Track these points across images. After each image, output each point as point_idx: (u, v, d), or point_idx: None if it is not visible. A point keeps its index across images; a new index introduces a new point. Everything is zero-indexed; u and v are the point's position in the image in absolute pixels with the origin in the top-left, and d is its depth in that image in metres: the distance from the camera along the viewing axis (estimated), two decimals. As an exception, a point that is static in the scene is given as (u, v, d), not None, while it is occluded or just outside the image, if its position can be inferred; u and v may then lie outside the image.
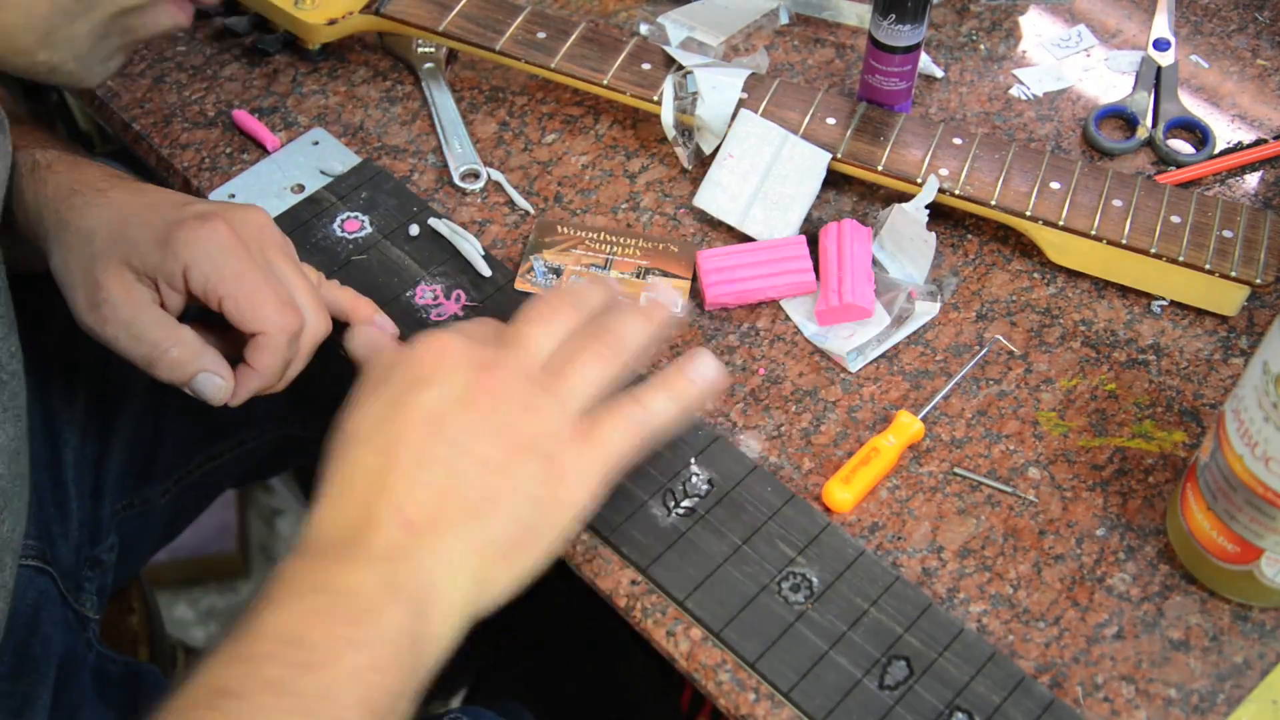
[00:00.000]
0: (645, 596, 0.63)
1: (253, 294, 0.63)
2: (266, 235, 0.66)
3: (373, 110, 0.86)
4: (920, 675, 0.60)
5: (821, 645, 0.61)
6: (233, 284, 0.63)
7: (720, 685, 0.61)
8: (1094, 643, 0.63)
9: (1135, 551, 0.66)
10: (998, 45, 0.90)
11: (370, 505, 0.53)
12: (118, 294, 0.64)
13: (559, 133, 0.85)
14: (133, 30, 0.60)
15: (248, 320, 0.64)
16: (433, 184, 0.81)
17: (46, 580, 0.78)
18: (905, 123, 0.79)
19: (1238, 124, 0.85)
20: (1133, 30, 0.91)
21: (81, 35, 0.58)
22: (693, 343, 0.74)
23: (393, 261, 0.76)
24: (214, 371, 0.65)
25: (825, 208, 0.80)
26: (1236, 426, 0.58)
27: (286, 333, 0.64)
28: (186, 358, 0.65)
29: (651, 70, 0.81)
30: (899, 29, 0.77)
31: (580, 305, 0.60)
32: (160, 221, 0.64)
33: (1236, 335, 0.74)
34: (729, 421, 0.70)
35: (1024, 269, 0.77)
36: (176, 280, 0.64)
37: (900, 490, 0.68)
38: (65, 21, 0.56)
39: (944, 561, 0.65)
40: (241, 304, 0.63)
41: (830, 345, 0.73)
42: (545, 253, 0.77)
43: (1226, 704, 0.61)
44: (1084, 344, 0.74)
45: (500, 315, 0.73)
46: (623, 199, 0.81)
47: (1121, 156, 0.83)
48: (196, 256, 0.63)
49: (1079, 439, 0.70)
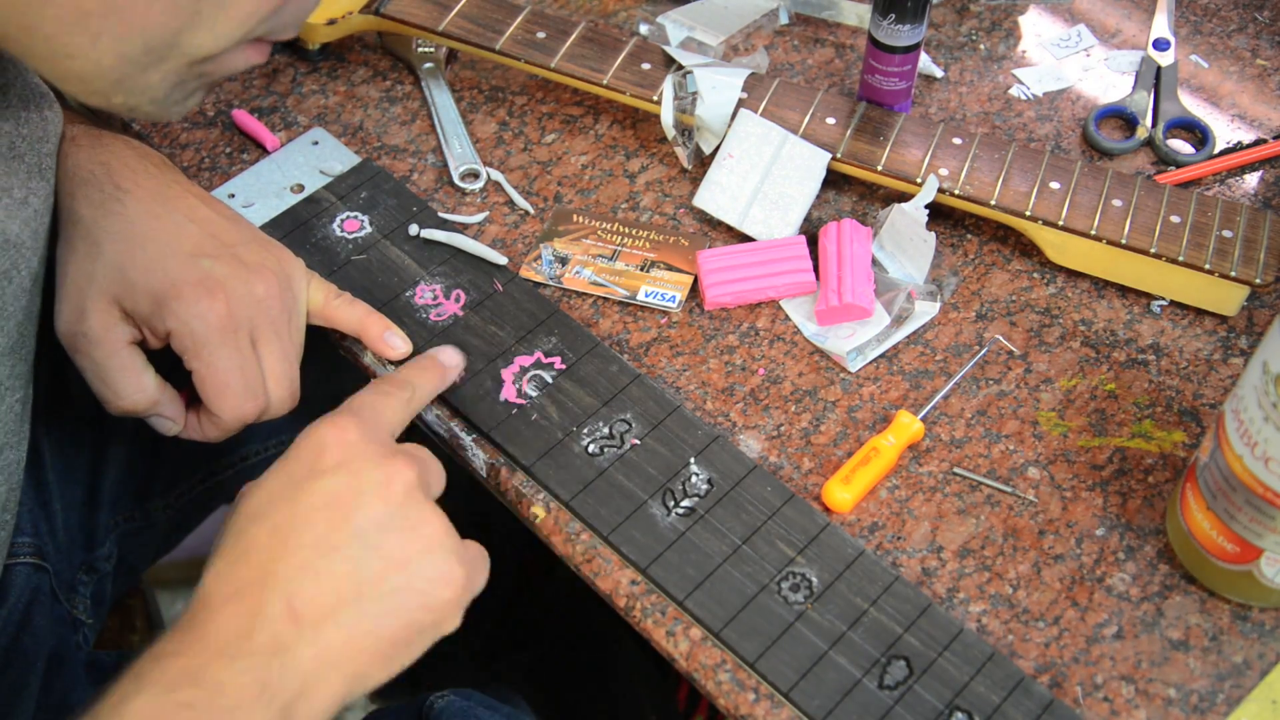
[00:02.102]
0: (644, 596, 0.63)
1: (220, 381, 0.65)
2: (266, 310, 0.66)
3: (372, 110, 0.86)
4: (920, 675, 0.60)
5: (821, 645, 0.61)
6: (205, 364, 0.65)
7: (720, 685, 0.61)
8: (1093, 642, 0.63)
9: (1135, 551, 0.66)
10: (997, 45, 0.90)
11: (259, 590, 0.52)
12: (98, 330, 0.65)
13: (559, 132, 0.85)
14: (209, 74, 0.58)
15: (207, 399, 0.66)
16: (432, 184, 0.81)
17: (43, 577, 0.78)
18: (905, 122, 0.79)
19: (1237, 124, 0.85)
20: (1132, 30, 0.91)
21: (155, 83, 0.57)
22: (692, 343, 0.74)
23: (392, 261, 0.76)
24: (165, 416, 0.68)
25: (825, 208, 0.80)
26: (1236, 426, 0.58)
27: (239, 421, 0.67)
28: (143, 406, 0.67)
29: (651, 70, 0.81)
30: (899, 29, 0.77)
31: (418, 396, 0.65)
32: (163, 273, 0.65)
33: (1236, 335, 0.74)
34: (729, 421, 0.70)
35: (1024, 269, 0.77)
36: (160, 333, 0.66)
37: (900, 490, 0.68)
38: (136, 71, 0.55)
39: (944, 561, 0.65)
40: (206, 385, 0.65)
41: (830, 345, 0.73)
42: (556, 241, 0.77)
43: (1226, 704, 0.61)
44: (1084, 344, 0.74)
45: (503, 313, 0.73)
46: (622, 199, 0.81)
47: (1121, 156, 0.83)
48: (183, 327, 0.64)
49: (1079, 439, 0.70)
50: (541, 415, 0.69)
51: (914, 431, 0.68)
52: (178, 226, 0.66)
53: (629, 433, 0.68)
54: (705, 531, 0.64)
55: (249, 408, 0.66)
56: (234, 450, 0.93)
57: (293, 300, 0.68)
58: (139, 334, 0.66)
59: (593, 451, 0.68)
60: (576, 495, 0.66)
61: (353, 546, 0.53)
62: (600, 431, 0.68)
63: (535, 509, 0.67)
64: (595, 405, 0.69)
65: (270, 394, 0.67)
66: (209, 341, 0.65)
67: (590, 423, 0.69)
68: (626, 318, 0.75)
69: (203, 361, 0.65)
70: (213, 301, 0.64)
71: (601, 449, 0.68)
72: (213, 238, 0.67)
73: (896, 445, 0.68)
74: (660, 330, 0.74)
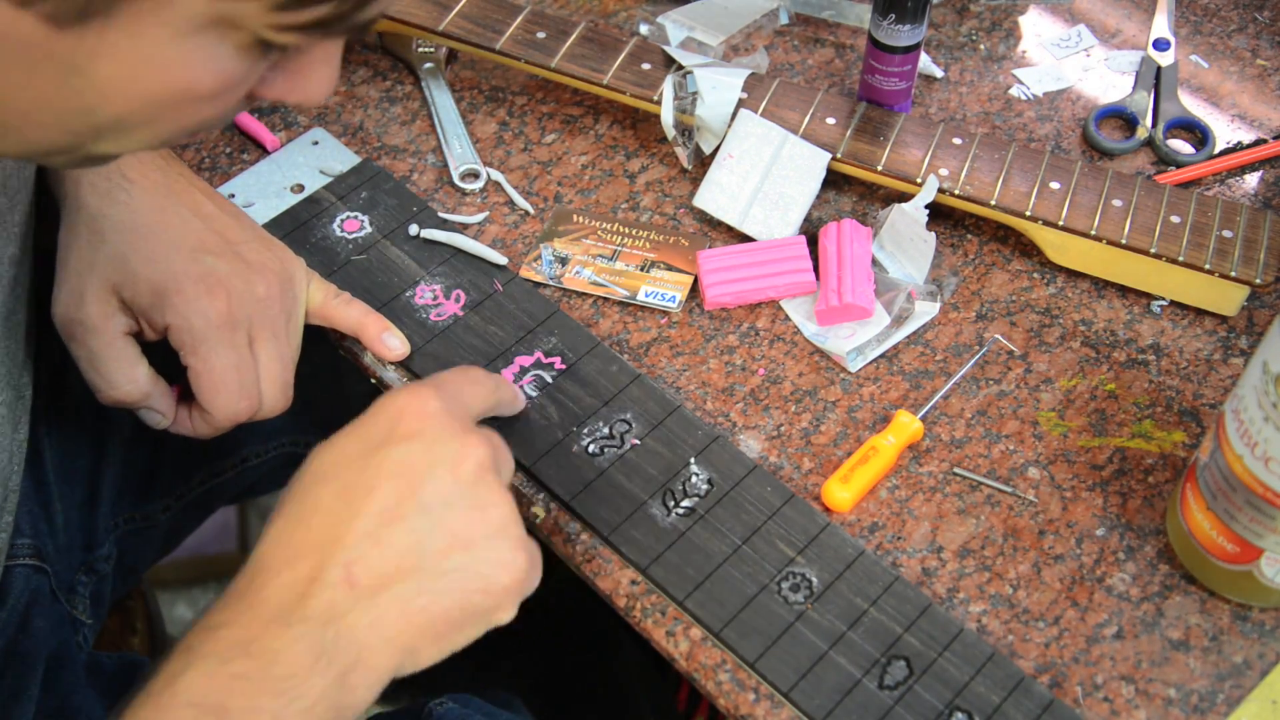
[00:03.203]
0: (645, 597, 0.63)
1: (216, 378, 0.65)
2: (265, 310, 0.66)
3: (372, 110, 0.86)
4: (920, 675, 0.60)
5: (821, 645, 0.61)
6: (201, 361, 0.65)
7: (720, 685, 0.61)
8: (1094, 643, 0.63)
9: (1135, 551, 0.66)
10: (998, 45, 0.90)
11: (319, 554, 0.51)
12: (96, 319, 0.65)
13: (559, 132, 0.85)
14: None
15: (201, 396, 0.66)
16: (432, 184, 0.81)
17: (42, 579, 0.78)
18: (905, 123, 0.79)
19: (1237, 124, 0.85)
20: (1132, 30, 0.91)
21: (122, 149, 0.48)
22: (692, 343, 0.74)
23: (392, 261, 0.76)
24: (155, 410, 0.68)
25: (825, 208, 0.80)
26: (1236, 426, 0.58)
27: (231, 420, 0.67)
28: (135, 398, 0.67)
29: (651, 70, 0.81)
30: (899, 29, 0.77)
31: None
32: (166, 267, 0.65)
33: (1236, 335, 0.74)
34: (729, 421, 0.70)
35: (1024, 269, 0.77)
36: (158, 327, 0.66)
37: (900, 490, 0.68)
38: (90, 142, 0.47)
39: (944, 561, 0.65)
40: (201, 382, 0.65)
41: (830, 345, 0.73)
42: (556, 241, 0.77)
43: (1226, 704, 0.61)
44: (1084, 344, 0.74)
45: (503, 313, 0.73)
46: (622, 199, 0.81)
47: (1121, 156, 0.83)
48: (182, 322, 0.65)
49: (1079, 439, 0.70)
50: (541, 415, 0.69)
51: (913, 431, 0.68)
52: (182, 221, 0.66)
53: (629, 433, 0.68)
54: (705, 531, 0.64)
55: (242, 406, 0.66)
56: (234, 452, 0.93)
57: (292, 301, 0.68)
58: (136, 325, 0.66)
59: (593, 451, 0.67)
60: (576, 495, 0.66)
61: (418, 518, 0.52)
62: (600, 431, 0.68)
63: (535, 509, 0.67)
64: (595, 405, 0.69)
65: (264, 394, 0.67)
66: (207, 339, 0.65)
67: (590, 423, 0.69)
68: (627, 318, 0.75)
69: (200, 358, 0.65)
70: (213, 299, 0.65)
71: (601, 449, 0.68)
72: (216, 234, 0.67)
73: (896, 445, 0.68)
74: (660, 330, 0.74)
